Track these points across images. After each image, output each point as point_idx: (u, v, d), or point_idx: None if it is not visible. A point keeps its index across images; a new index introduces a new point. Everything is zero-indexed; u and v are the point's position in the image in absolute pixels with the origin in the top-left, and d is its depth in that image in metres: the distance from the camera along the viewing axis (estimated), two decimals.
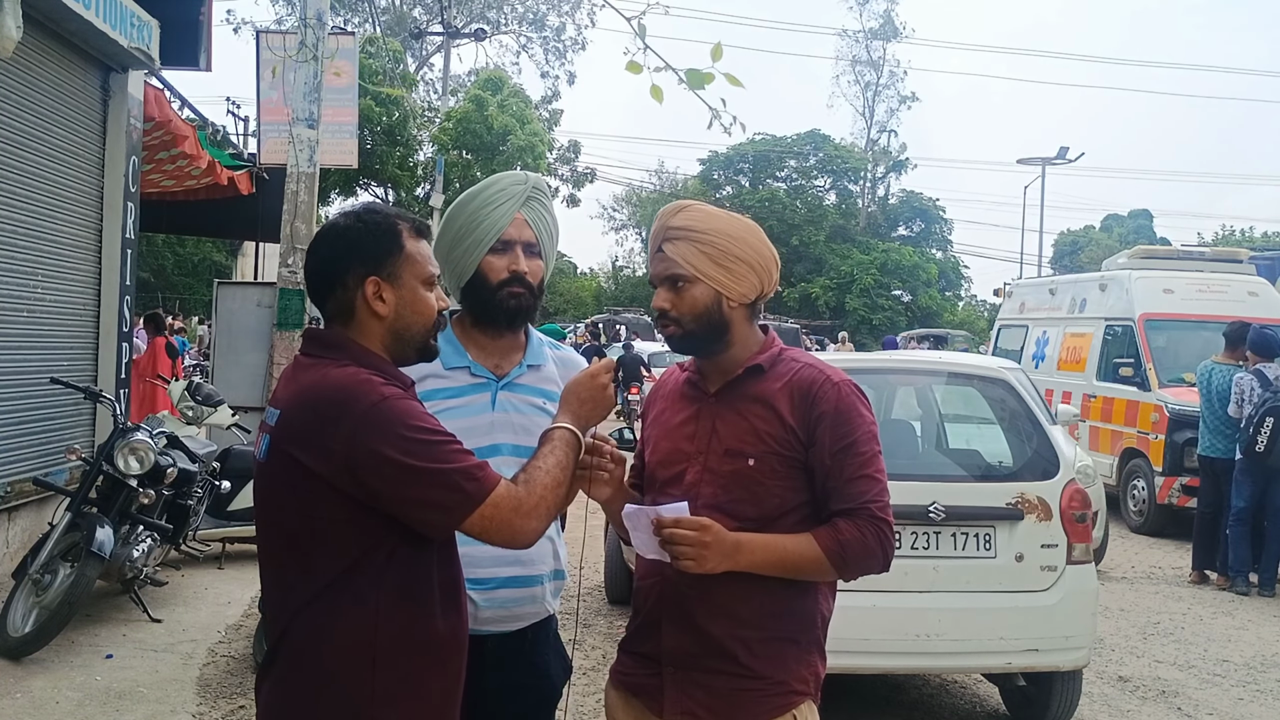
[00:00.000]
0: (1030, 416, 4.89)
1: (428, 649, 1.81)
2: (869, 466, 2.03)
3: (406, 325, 1.88)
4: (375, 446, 1.68)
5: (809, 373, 2.08)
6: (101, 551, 5.06)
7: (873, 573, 2.05)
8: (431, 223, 22.12)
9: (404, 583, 1.78)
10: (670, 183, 48.50)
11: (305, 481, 1.73)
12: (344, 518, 1.73)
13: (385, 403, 1.72)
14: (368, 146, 22.81)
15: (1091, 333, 11.56)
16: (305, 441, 1.73)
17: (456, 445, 1.75)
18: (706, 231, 2.08)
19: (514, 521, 1.75)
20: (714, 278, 2.07)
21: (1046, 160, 34.33)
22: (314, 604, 1.76)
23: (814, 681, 2.09)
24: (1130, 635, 6.53)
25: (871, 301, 40.43)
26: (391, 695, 1.77)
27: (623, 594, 6.67)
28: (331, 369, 1.78)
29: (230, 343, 8.53)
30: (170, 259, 32.30)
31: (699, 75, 2.60)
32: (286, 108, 8.16)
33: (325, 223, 1.96)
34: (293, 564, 1.79)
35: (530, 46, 41.62)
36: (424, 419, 1.75)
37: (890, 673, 4.91)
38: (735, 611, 2.02)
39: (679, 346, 2.14)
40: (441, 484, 1.70)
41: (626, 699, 2.18)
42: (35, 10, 6.09)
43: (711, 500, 2.04)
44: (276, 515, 1.81)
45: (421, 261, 1.89)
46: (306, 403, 1.76)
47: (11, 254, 6.52)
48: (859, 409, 2.05)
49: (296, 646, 1.78)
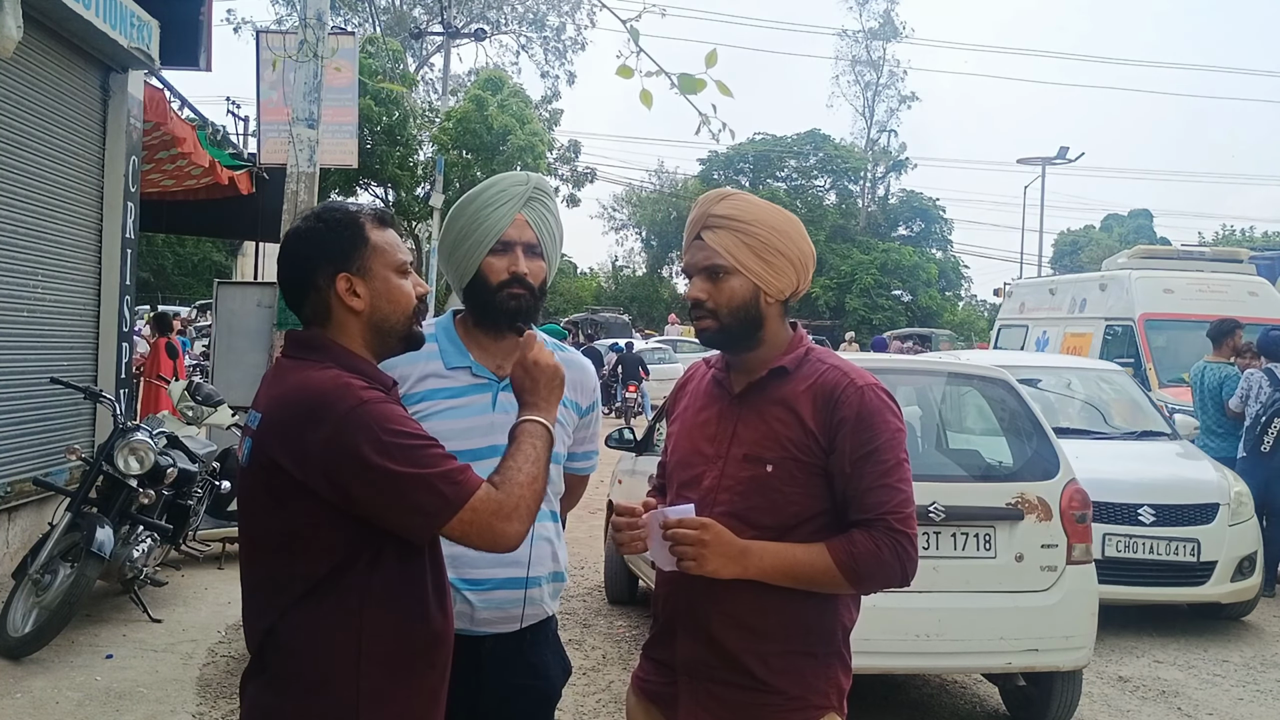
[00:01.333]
0: (1030, 416, 4.89)
1: (415, 649, 1.81)
2: (890, 475, 1.94)
3: (384, 317, 1.86)
4: (354, 451, 1.67)
5: (833, 375, 2.00)
6: (101, 551, 5.06)
7: (891, 586, 1.96)
8: (432, 223, 22.17)
9: (390, 584, 1.77)
10: (670, 183, 48.49)
11: (287, 485, 1.72)
12: (326, 521, 1.72)
13: (364, 406, 1.70)
14: (368, 146, 22.80)
15: (1091, 333, 11.55)
16: (285, 445, 1.72)
17: (437, 449, 1.73)
18: (750, 222, 2.01)
19: (494, 525, 1.73)
20: (754, 271, 2.00)
21: (1046, 160, 34.33)
22: (299, 605, 1.75)
23: (836, 694, 2.02)
24: (1130, 635, 6.53)
25: (871, 301, 40.43)
26: (378, 696, 1.76)
27: (623, 594, 6.68)
28: (312, 371, 1.77)
29: (230, 343, 8.51)
30: (170, 259, 32.34)
31: (691, 81, 2.59)
32: (286, 108, 8.15)
33: (288, 229, 1.93)
34: (278, 566, 1.78)
35: (530, 46, 41.68)
36: (404, 422, 1.73)
37: (890, 673, 4.91)
38: (749, 623, 1.97)
39: (711, 341, 2.07)
40: (421, 488, 1.68)
41: (646, 707, 2.15)
42: (35, 10, 6.10)
43: (729, 507, 1.99)
44: (259, 518, 1.80)
45: (389, 250, 1.87)
46: (286, 406, 1.75)
47: (11, 254, 6.52)
48: (884, 414, 1.96)
49: (281, 649, 1.77)
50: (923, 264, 42.19)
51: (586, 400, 2.44)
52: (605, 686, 5.14)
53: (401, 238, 2.00)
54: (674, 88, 2.62)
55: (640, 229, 49.15)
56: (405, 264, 1.90)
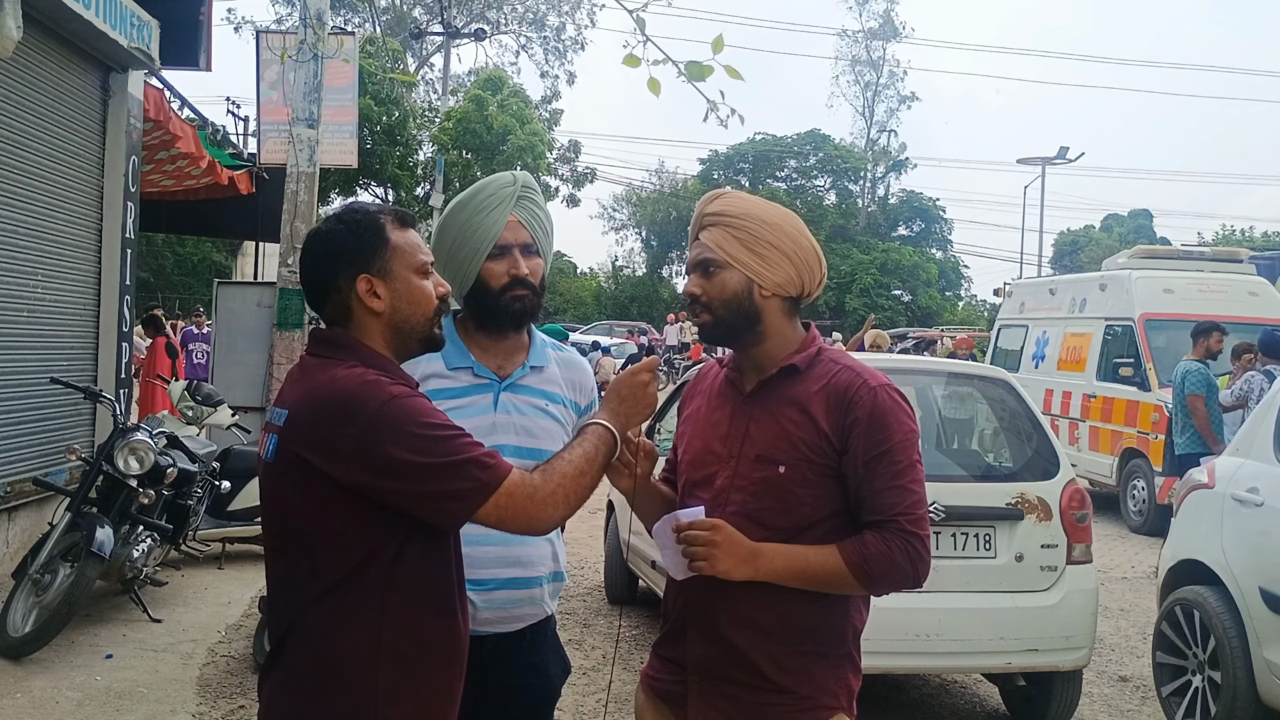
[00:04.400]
0: (1030, 416, 4.90)
1: (433, 648, 1.82)
2: (903, 476, 1.93)
3: (405, 318, 1.87)
4: (386, 447, 1.69)
5: (846, 375, 1.99)
6: (101, 551, 5.06)
7: (903, 588, 1.95)
8: (432, 223, 22.14)
9: (411, 582, 1.78)
10: (670, 182, 48.46)
11: (314, 482, 1.73)
12: (351, 517, 1.74)
13: (394, 402, 1.72)
14: (368, 146, 22.80)
15: (1091, 333, 11.56)
16: (314, 442, 1.73)
17: (466, 437, 1.76)
18: (740, 216, 2.03)
19: (529, 508, 1.76)
20: (745, 263, 2.01)
21: (1046, 160, 34.34)
22: (321, 602, 1.76)
23: (846, 695, 2.02)
24: (1130, 635, 6.53)
25: (871, 301, 40.39)
26: (395, 693, 1.77)
27: (623, 594, 6.68)
28: (339, 370, 1.79)
29: (230, 343, 8.53)
30: (170, 259, 32.31)
31: (699, 68, 2.59)
32: (286, 107, 8.17)
33: (310, 231, 1.94)
34: (300, 562, 1.79)
35: (530, 46, 41.66)
36: (432, 414, 1.76)
37: (890, 673, 4.91)
38: (760, 623, 1.97)
39: (709, 335, 2.08)
40: (455, 474, 1.71)
41: (656, 705, 2.15)
42: (35, 10, 6.10)
43: (740, 508, 1.99)
44: (283, 515, 1.81)
45: (410, 251, 1.87)
46: (315, 404, 1.76)
47: (11, 254, 6.52)
48: (897, 415, 1.96)
49: (302, 644, 1.78)
50: (923, 264, 42.16)
51: (585, 399, 2.45)
52: (605, 686, 5.14)
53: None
54: (681, 75, 2.62)
55: (640, 229, 49.10)
56: (426, 264, 1.90)
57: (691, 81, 2.61)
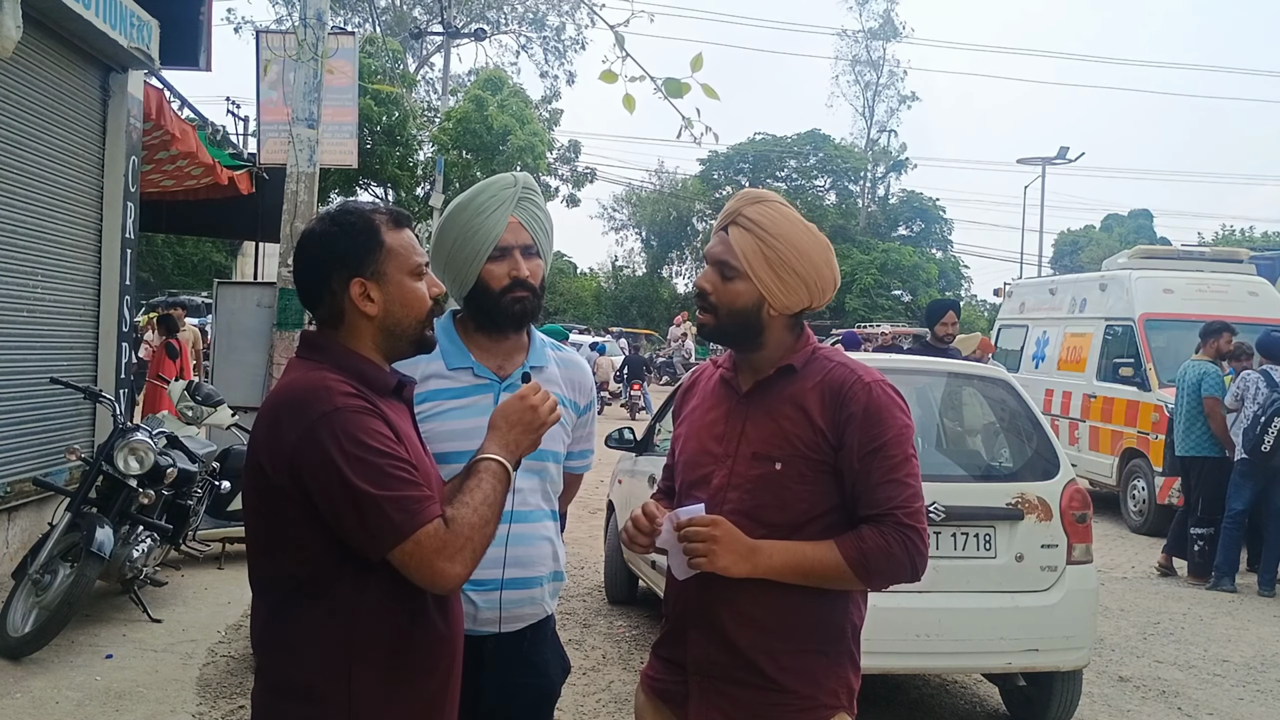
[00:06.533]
0: (1030, 416, 4.89)
1: (415, 652, 1.79)
2: (899, 471, 1.94)
3: (397, 321, 1.85)
4: (317, 456, 1.66)
5: (841, 373, 2.01)
6: (101, 551, 5.06)
7: (901, 582, 1.96)
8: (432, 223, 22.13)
9: (389, 586, 1.74)
10: (670, 183, 48.46)
11: (270, 485, 1.72)
12: (309, 519, 1.70)
13: (337, 413, 1.68)
14: (368, 146, 22.77)
15: (1091, 333, 11.56)
16: (265, 446, 1.72)
17: (401, 471, 1.69)
18: (776, 235, 2.00)
19: (435, 563, 1.68)
20: (764, 281, 2.00)
21: (1046, 160, 34.35)
22: (289, 608, 1.75)
23: (846, 694, 2.03)
24: (1130, 635, 6.53)
25: (871, 301, 40.40)
26: (373, 701, 1.74)
27: (623, 594, 6.68)
28: (305, 372, 1.77)
29: (230, 343, 8.52)
30: (170, 259, 32.31)
31: (677, 85, 2.60)
32: (286, 108, 8.16)
33: (303, 230, 1.92)
34: (268, 567, 1.78)
35: (530, 46, 41.63)
36: (374, 437, 1.69)
37: (890, 673, 4.90)
38: (760, 621, 1.97)
39: (709, 335, 2.09)
40: (371, 508, 1.65)
41: (656, 705, 2.15)
42: (35, 10, 6.09)
43: (738, 505, 1.99)
44: (251, 518, 1.80)
45: (405, 253, 1.85)
46: (270, 407, 1.76)
47: (11, 254, 6.51)
48: (891, 410, 1.97)
49: (275, 651, 1.77)
50: (923, 264, 42.16)
51: (584, 399, 2.45)
52: (605, 686, 5.14)
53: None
54: (658, 92, 2.63)
55: (640, 229, 49.12)
56: (421, 266, 1.88)
57: (669, 98, 2.62)
